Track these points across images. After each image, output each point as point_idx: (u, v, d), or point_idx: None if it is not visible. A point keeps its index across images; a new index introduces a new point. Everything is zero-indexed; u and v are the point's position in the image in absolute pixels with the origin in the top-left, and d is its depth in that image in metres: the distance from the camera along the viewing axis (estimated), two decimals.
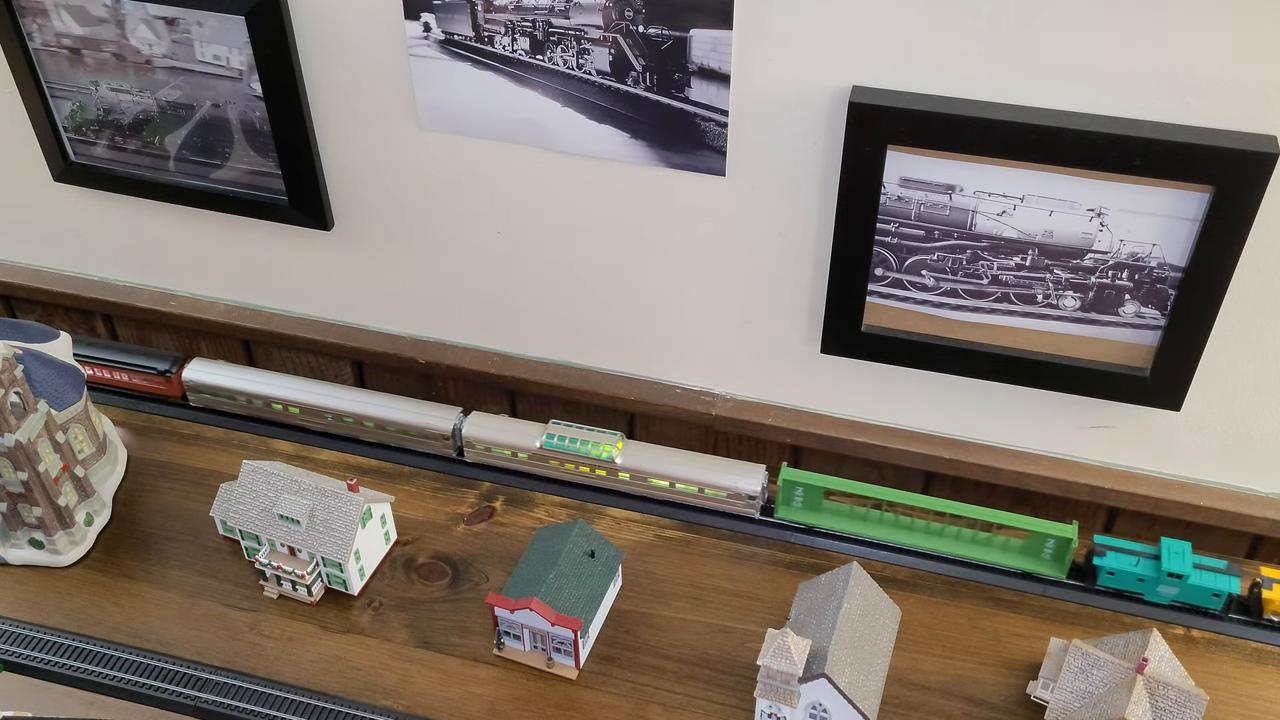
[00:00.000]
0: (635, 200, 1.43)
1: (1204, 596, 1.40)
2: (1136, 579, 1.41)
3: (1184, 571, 1.39)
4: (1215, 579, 1.39)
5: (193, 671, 1.37)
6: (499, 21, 1.33)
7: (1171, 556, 1.40)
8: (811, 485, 1.49)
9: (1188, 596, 1.41)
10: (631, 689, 1.35)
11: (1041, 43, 1.17)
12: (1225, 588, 1.38)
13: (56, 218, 1.73)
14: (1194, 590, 1.40)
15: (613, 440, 1.54)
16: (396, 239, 1.58)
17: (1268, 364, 1.34)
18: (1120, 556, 1.42)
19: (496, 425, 1.59)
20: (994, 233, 1.30)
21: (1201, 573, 1.40)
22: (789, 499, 1.52)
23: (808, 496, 1.51)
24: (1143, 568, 1.41)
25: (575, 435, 1.55)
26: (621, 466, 1.54)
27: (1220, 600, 1.40)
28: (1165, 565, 1.39)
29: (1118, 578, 1.42)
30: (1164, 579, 1.40)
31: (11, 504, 1.45)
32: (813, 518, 1.52)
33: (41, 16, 1.50)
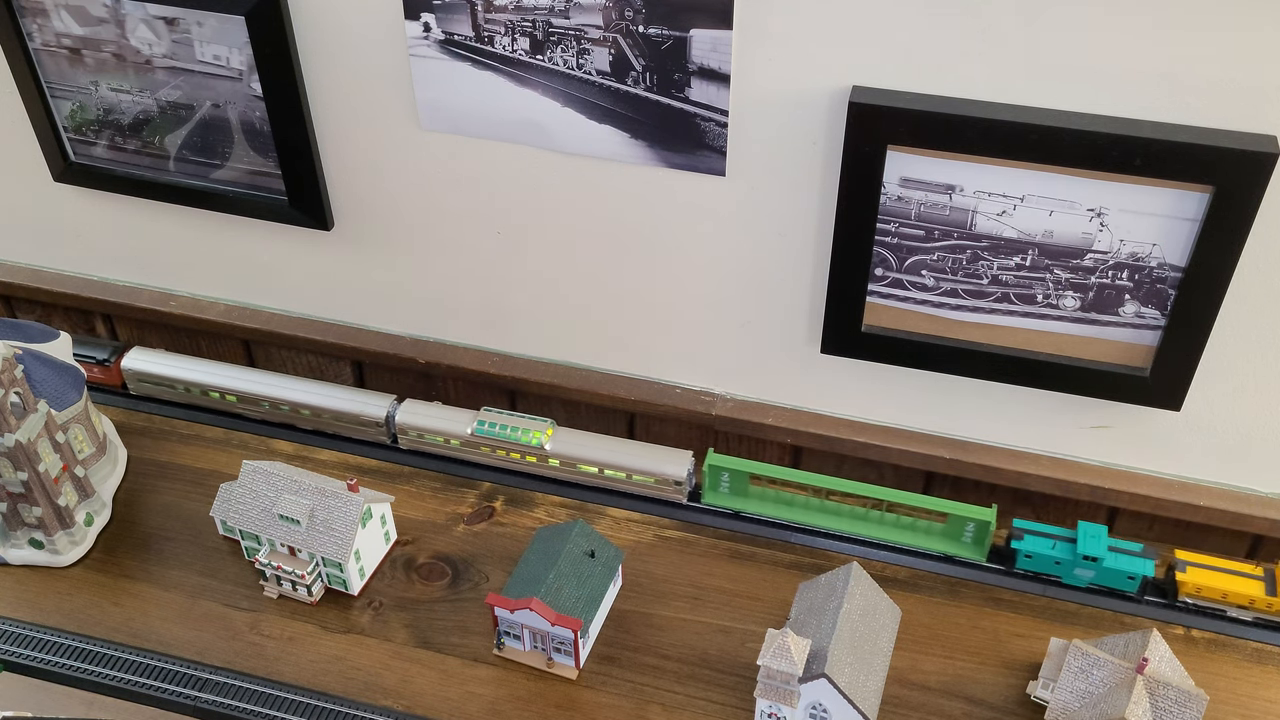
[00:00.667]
0: (635, 200, 1.43)
1: (1119, 579, 1.42)
2: (1053, 562, 1.43)
3: (1099, 555, 1.41)
4: (1130, 561, 1.41)
5: (193, 671, 1.37)
6: (499, 21, 1.33)
7: (1087, 540, 1.42)
8: (737, 470, 1.51)
9: (1103, 579, 1.43)
10: (631, 689, 1.35)
11: (1041, 43, 1.17)
12: (1140, 570, 1.40)
13: (56, 218, 1.73)
14: (1109, 573, 1.42)
15: (543, 427, 1.56)
16: (396, 239, 1.58)
17: (1268, 364, 1.34)
18: (1037, 540, 1.44)
19: (429, 412, 1.60)
20: (994, 233, 1.30)
21: (1116, 555, 1.41)
22: (716, 484, 1.54)
23: (734, 482, 1.53)
24: (1059, 551, 1.43)
25: (506, 422, 1.57)
26: (551, 453, 1.56)
27: (1135, 583, 1.42)
28: (1080, 548, 1.41)
29: (1035, 560, 1.44)
30: (1080, 562, 1.42)
31: (11, 504, 1.45)
32: (739, 503, 1.54)
33: (41, 16, 1.50)
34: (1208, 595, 1.40)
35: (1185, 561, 1.41)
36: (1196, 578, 1.40)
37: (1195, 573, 1.40)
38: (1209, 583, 1.39)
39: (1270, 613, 1.38)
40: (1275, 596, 1.37)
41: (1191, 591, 1.40)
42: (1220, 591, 1.39)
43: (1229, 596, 1.39)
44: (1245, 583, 1.39)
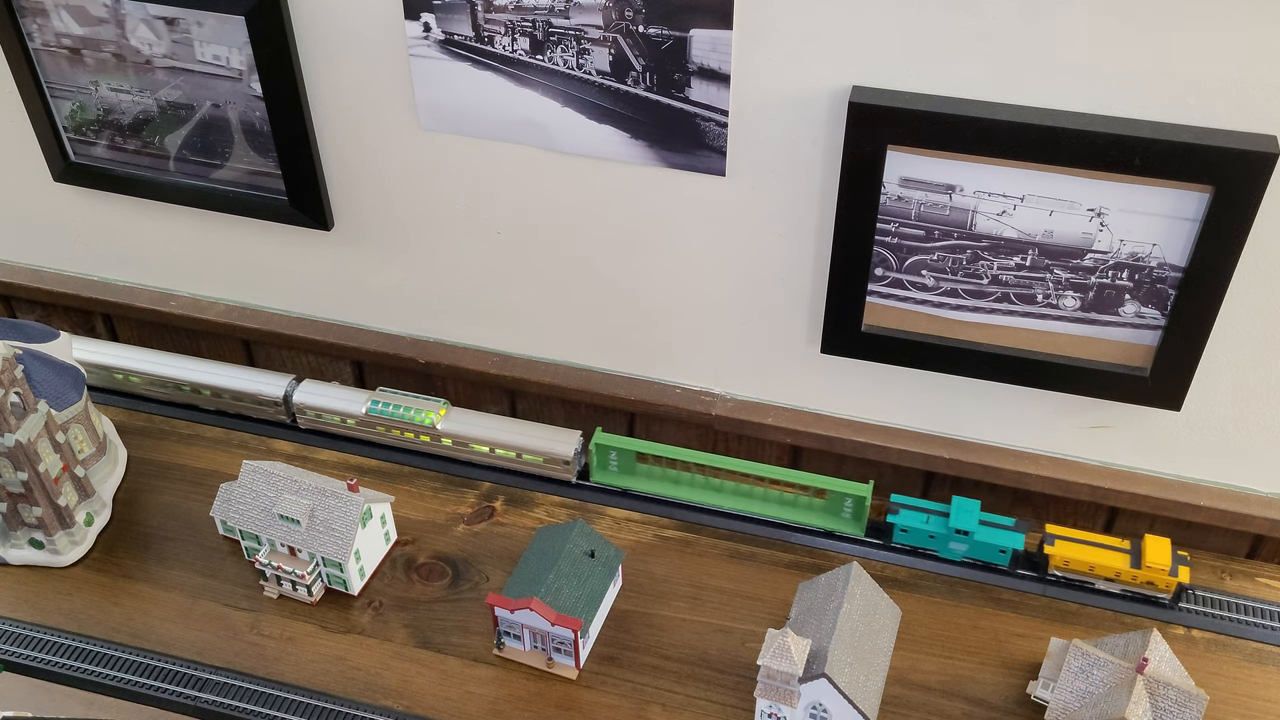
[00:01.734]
0: (635, 200, 1.43)
1: (991, 553, 1.46)
2: (928, 536, 1.47)
3: (970, 528, 1.44)
4: (1001, 535, 1.45)
5: (193, 671, 1.37)
6: (499, 21, 1.33)
7: (959, 514, 1.46)
8: (624, 449, 1.54)
9: (976, 553, 1.46)
10: (632, 689, 1.35)
11: (1042, 43, 1.17)
12: (1010, 544, 1.44)
13: (57, 218, 1.73)
14: (981, 546, 1.45)
15: (435, 407, 1.59)
16: (396, 239, 1.58)
17: (1268, 364, 1.34)
18: (912, 514, 1.48)
19: (326, 392, 1.63)
20: (994, 233, 1.30)
21: (987, 529, 1.45)
22: (604, 463, 1.57)
23: (621, 460, 1.56)
24: (933, 525, 1.46)
25: (399, 402, 1.60)
26: (443, 432, 1.58)
27: (1006, 556, 1.45)
28: (953, 522, 1.45)
29: (911, 535, 1.48)
30: (953, 536, 1.45)
31: (11, 504, 1.45)
32: (627, 481, 1.58)
33: (41, 16, 1.50)
34: (1075, 568, 1.44)
35: (1055, 535, 1.45)
36: (1064, 551, 1.43)
37: (1063, 546, 1.44)
38: (1076, 555, 1.43)
39: (1134, 585, 1.42)
40: (1139, 569, 1.41)
41: (1060, 564, 1.44)
42: (1087, 564, 1.43)
43: (1095, 569, 1.43)
44: (1111, 555, 1.42)
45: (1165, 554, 1.40)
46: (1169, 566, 1.40)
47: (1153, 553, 1.41)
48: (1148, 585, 1.42)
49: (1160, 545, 1.41)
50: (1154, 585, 1.42)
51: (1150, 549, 1.41)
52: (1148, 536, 1.43)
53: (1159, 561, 1.40)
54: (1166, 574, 1.40)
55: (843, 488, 1.49)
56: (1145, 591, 1.43)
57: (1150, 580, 1.41)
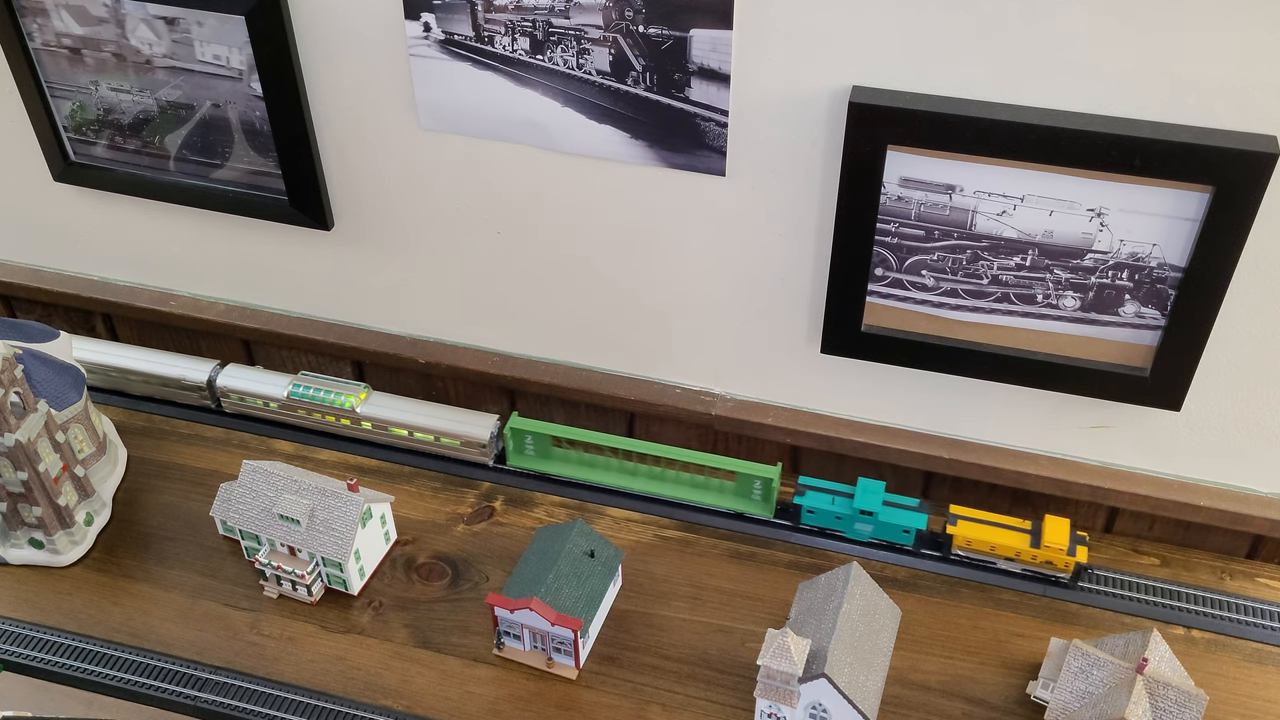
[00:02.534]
0: (635, 200, 1.43)
1: (895, 533, 1.48)
2: (834, 517, 1.50)
3: (874, 509, 1.47)
4: (904, 515, 1.48)
5: (192, 671, 1.37)
6: (499, 21, 1.33)
7: (863, 495, 1.49)
8: (539, 433, 1.57)
9: (881, 533, 1.49)
10: (631, 689, 1.35)
11: (1041, 43, 1.17)
12: (914, 524, 1.47)
13: (56, 217, 1.73)
14: (886, 527, 1.48)
15: (356, 391, 1.62)
16: (396, 239, 1.58)
17: (1268, 364, 1.34)
18: (818, 496, 1.50)
19: (249, 376, 1.66)
20: (994, 233, 1.30)
21: (891, 510, 1.48)
22: (520, 447, 1.59)
23: (537, 444, 1.59)
24: (838, 506, 1.49)
25: (321, 385, 1.62)
26: (363, 416, 1.61)
27: (910, 536, 1.48)
28: (857, 503, 1.48)
29: (818, 516, 1.51)
30: (858, 517, 1.48)
31: (11, 504, 1.45)
32: (543, 464, 1.60)
33: (41, 16, 1.50)
34: (977, 547, 1.46)
35: (958, 516, 1.47)
36: (967, 531, 1.45)
37: (966, 526, 1.46)
38: (978, 535, 1.45)
39: (1034, 564, 1.44)
40: (1038, 549, 1.43)
41: (962, 544, 1.46)
42: (989, 544, 1.45)
43: (997, 549, 1.45)
44: (1012, 535, 1.45)
45: (1064, 534, 1.43)
46: (1067, 546, 1.42)
47: (1051, 533, 1.43)
48: (1047, 565, 1.44)
49: (1059, 525, 1.44)
50: (1053, 565, 1.44)
51: (1049, 529, 1.44)
52: (1048, 517, 1.45)
53: (1057, 541, 1.42)
54: (1064, 554, 1.43)
55: (751, 470, 1.51)
56: (1045, 571, 1.45)
57: (1049, 560, 1.44)
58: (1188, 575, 1.47)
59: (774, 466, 1.51)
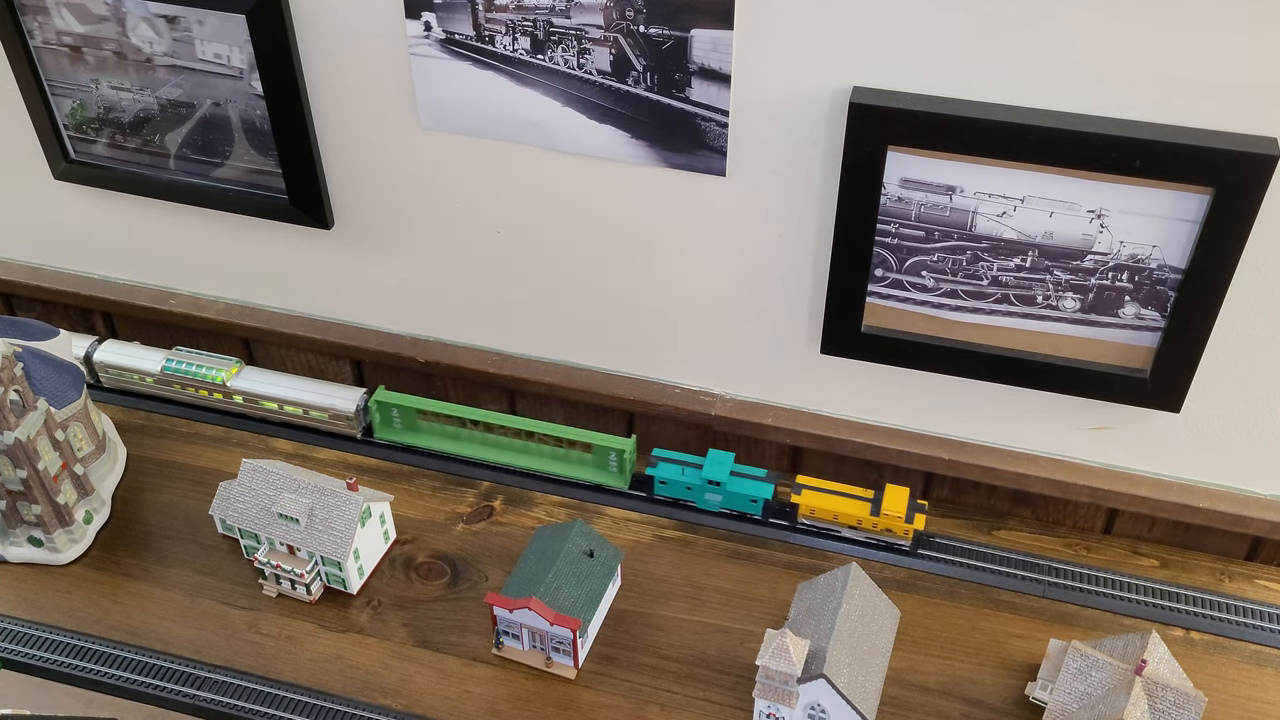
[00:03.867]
0: (635, 200, 1.43)
1: (743, 502, 1.53)
2: (685, 488, 1.54)
3: (722, 479, 1.51)
4: (751, 485, 1.52)
5: (191, 670, 1.37)
6: (500, 21, 1.33)
7: (712, 466, 1.53)
8: (405, 406, 1.61)
9: (730, 503, 1.54)
10: (630, 689, 1.35)
11: (1042, 44, 1.17)
12: (761, 494, 1.51)
13: (57, 216, 1.73)
14: (734, 497, 1.53)
15: (227, 365, 1.66)
16: (396, 238, 1.58)
17: (1267, 366, 1.34)
18: (669, 467, 1.55)
19: (124, 351, 1.69)
20: (994, 234, 1.30)
21: (738, 480, 1.52)
22: (388, 420, 1.63)
23: (404, 417, 1.63)
24: (689, 477, 1.53)
25: (194, 360, 1.68)
26: (234, 390, 1.66)
27: (758, 506, 1.52)
28: (705, 473, 1.52)
29: (670, 486, 1.55)
30: (708, 487, 1.53)
31: (11, 502, 1.45)
32: (410, 437, 1.64)
33: (42, 14, 1.50)
34: (821, 516, 1.50)
35: (802, 485, 1.51)
36: (811, 500, 1.50)
37: (810, 495, 1.50)
38: (821, 504, 1.49)
39: (875, 531, 1.49)
40: (878, 517, 1.47)
41: (807, 513, 1.51)
42: (832, 512, 1.49)
43: (840, 517, 1.50)
44: (854, 504, 1.49)
45: (902, 502, 1.47)
46: (905, 514, 1.47)
47: (890, 501, 1.48)
48: (887, 532, 1.49)
49: (898, 494, 1.48)
50: (892, 532, 1.49)
51: (889, 497, 1.48)
52: (889, 486, 1.49)
53: (895, 509, 1.47)
54: (903, 521, 1.47)
55: (607, 442, 1.55)
56: (885, 539, 1.49)
57: (889, 528, 1.48)
58: (1187, 576, 1.47)
59: (628, 439, 1.56)
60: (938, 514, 1.55)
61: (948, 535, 1.51)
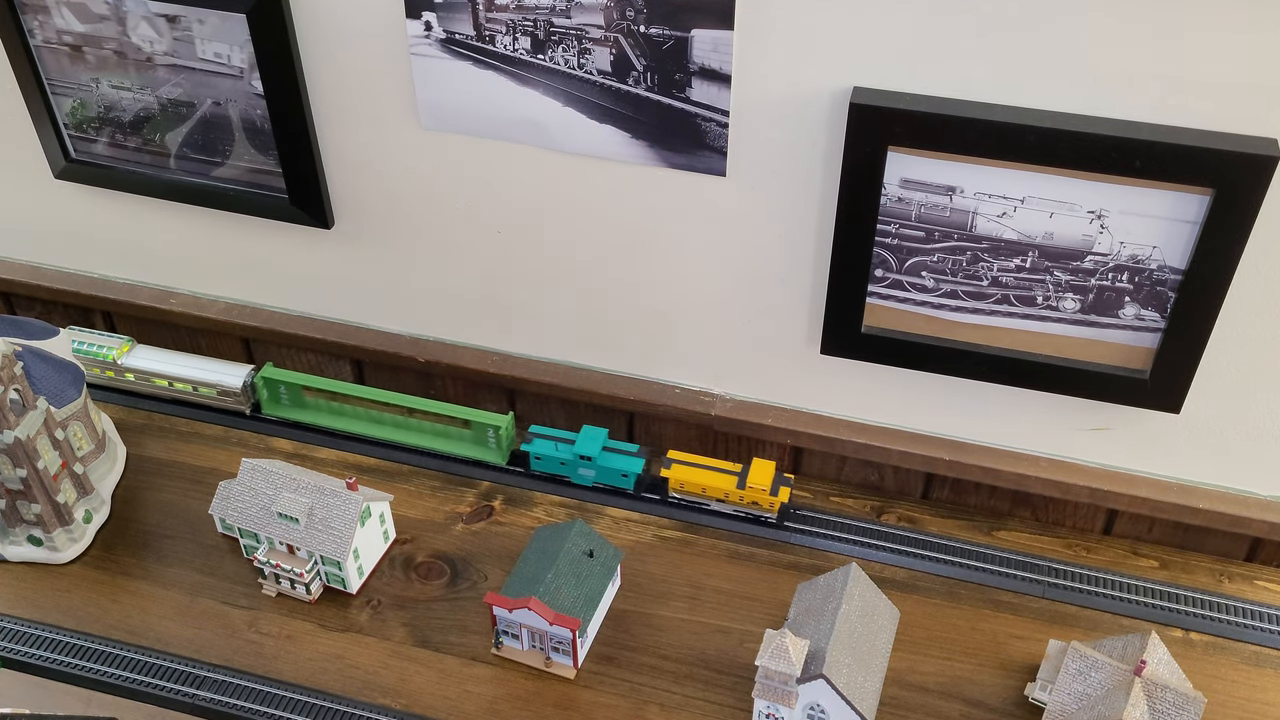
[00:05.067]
0: (635, 200, 1.43)
1: (615, 477, 1.56)
2: (559, 463, 1.58)
3: (593, 454, 1.55)
4: (622, 460, 1.55)
5: (191, 669, 1.37)
6: (500, 21, 1.33)
7: (585, 441, 1.56)
8: (292, 383, 1.65)
9: (603, 477, 1.57)
10: (629, 689, 1.35)
11: (1042, 44, 1.17)
12: (631, 468, 1.55)
13: (57, 215, 1.73)
14: (606, 471, 1.56)
15: (119, 344, 1.69)
16: (396, 238, 1.58)
17: (1267, 367, 1.34)
18: (544, 443, 1.58)
19: None
20: (994, 234, 1.30)
21: (610, 455, 1.56)
22: (275, 397, 1.67)
23: (291, 394, 1.66)
24: (562, 452, 1.57)
25: (84, 339, 1.70)
26: (126, 367, 1.69)
27: (630, 480, 1.56)
28: (578, 449, 1.55)
29: (544, 462, 1.58)
30: (581, 462, 1.56)
31: (10, 501, 1.45)
32: (298, 414, 1.68)
33: (43, 13, 1.50)
34: (690, 490, 1.54)
35: (672, 460, 1.54)
36: (680, 474, 1.53)
37: (679, 469, 1.53)
38: (690, 478, 1.53)
39: (741, 504, 1.53)
40: (744, 490, 1.50)
41: (676, 487, 1.54)
42: (700, 486, 1.53)
43: (708, 490, 1.53)
44: (721, 477, 1.52)
45: (767, 476, 1.50)
46: (769, 487, 1.50)
47: (756, 474, 1.51)
48: (753, 505, 1.52)
49: (764, 467, 1.52)
50: (759, 505, 1.52)
51: (754, 471, 1.51)
52: (755, 460, 1.53)
53: (760, 482, 1.50)
54: (768, 494, 1.50)
55: (485, 419, 1.59)
56: (753, 511, 1.53)
57: (755, 500, 1.51)
58: (1186, 577, 1.47)
59: (505, 415, 1.59)
60: (938, 514, 1.55)
61: (948, 535, 1.51)
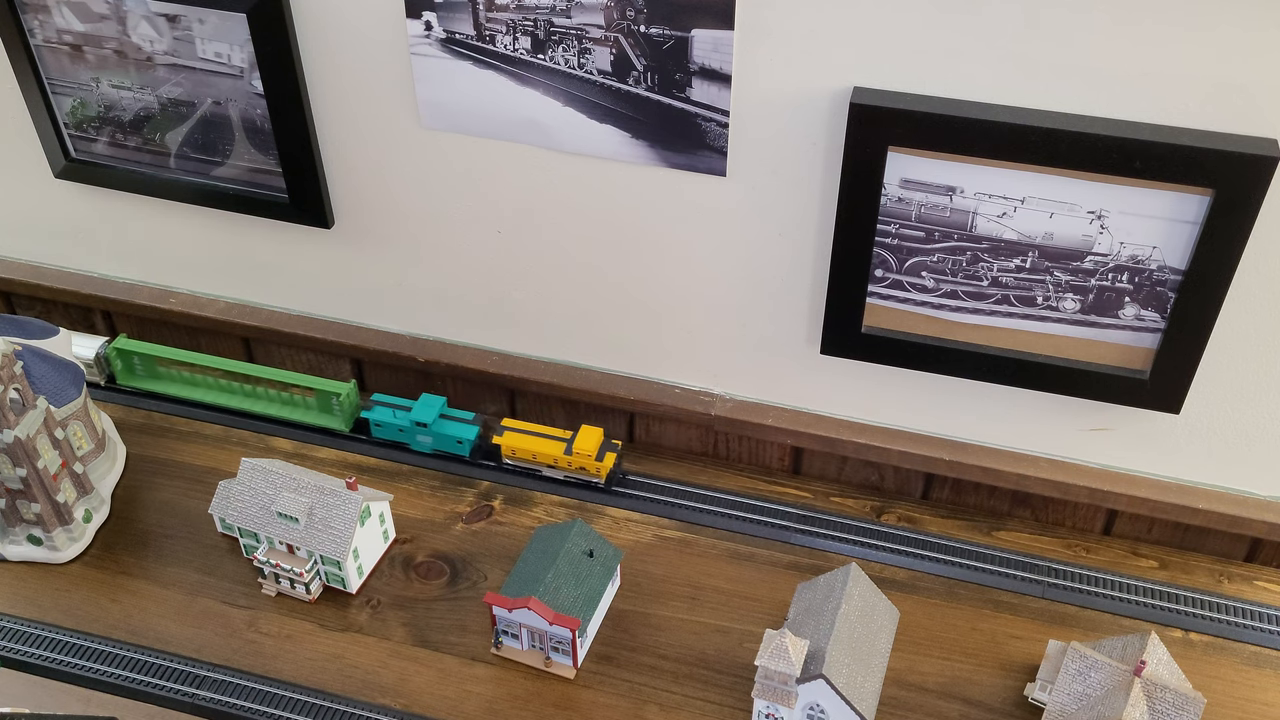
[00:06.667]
0: (636, 200, 1.43)
1: (450, 444, 1.60)
2: (398, 429, 1.61)
3: (429, 421, 1.58)
4: (457, 427, 1.59)
5: (190, 669, 1.37)
6: (500, 20, 1.33)
7: (421, 409, 1.60)
8: (145, 354, 1.68)
9: (440, 444, 1.61)
10: (629, 689, 1.35)
11: (1043, 45, 1.17)
12: (466, 435, 1.59)
13: (57, 214, 1.73)
14: (442, 438, 1.60)
15: None
16: (396, 237, 1.58)
17: (1267, 367, 1.34)
18: (383, 410, 1.62)
19: None
20: (994, 234, 1.30)
21: (446, 422, 1.60)
22: (130, 367, 1.70)
23: (145, 365, 1.70)
24: (401, 419, 1.60)
25: None
26: None
27: (465, 447, 1.60)
28: (414, 415, 1.59)
29: (384, 429, 1.62)
30: (418, 429, 1.60)
31: (10, 500, 1.45)
32: (151, 384, 1.71)
33: (43, 13, 1.50)
34: (522, 455, 1.58)
35: (505, 427, 1.59)
36: (511, 440, 1.58)
37: (511, 436, 1.58)
38: (521, 444, 1.57)
39: (571, 470, 1.57)
40: (571, 455, 1.55)
41: (509, 453, 1.58)
42: (531, 452, 1.57)
43: (538, 456, 1.57)
44: (551, 444, 1.57)
45: (593, 442, 1.55)
46: (595, 453, 1.54)
47: (582, 441, 1.55)
48: (581, 471, 1.56)
49: (591, 434, 1.56)
50: (586, 470, 1.56)
51: (581, 437, 1.56)
52: (584, 427, 1.57)
53: (586, 449, 1.54)
54: (594, 460, 1.54)
55: (328, 386, 1.63)
56: (581, 477, 1.57)
57: (582, 466, 1.56)
58: (1186, 578, 1.47)
59: (348, 383, 1.63)
60: (938, 514, 1.55)
61: (948, 535, 1.51)
